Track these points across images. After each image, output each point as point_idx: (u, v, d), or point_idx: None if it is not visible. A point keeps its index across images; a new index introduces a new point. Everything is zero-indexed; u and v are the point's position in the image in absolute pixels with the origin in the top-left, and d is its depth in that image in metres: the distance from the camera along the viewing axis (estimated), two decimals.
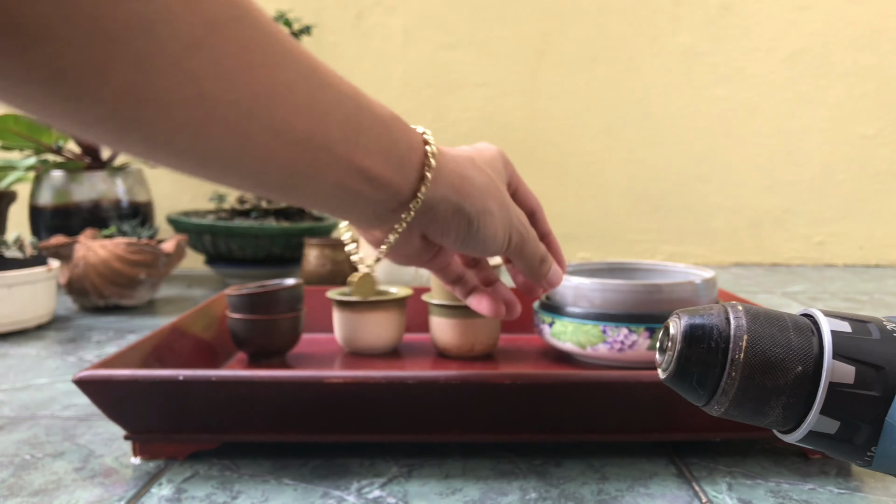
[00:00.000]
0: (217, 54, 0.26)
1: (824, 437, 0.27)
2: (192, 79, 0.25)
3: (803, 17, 1.49)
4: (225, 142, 0.28)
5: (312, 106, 0.30)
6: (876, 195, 1.52)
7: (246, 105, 0.28)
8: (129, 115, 0.25)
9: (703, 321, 0.28)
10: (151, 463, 0.52)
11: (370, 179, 0.35)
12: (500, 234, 0.41)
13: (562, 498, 0.46)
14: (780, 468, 0.51)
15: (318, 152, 0.31)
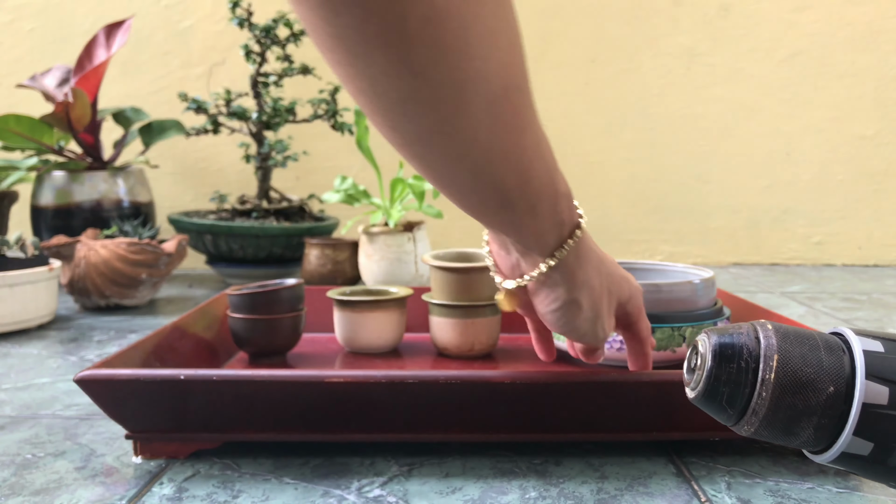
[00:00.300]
0: (504, 111, 0.35)
1: (857, 459, 0.27)
2: (485, 125, 0.34)
3: (802, 17, 1.49)
4: (483, 166, 0.37)
5: (536, 160, 0.39)
6: (874, 195, 1.53)
7: (506, 151, 0.37)
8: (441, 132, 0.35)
9: (733, 340, 0.28)
10: (152, 462, 0.52)
11: (536, 218, 0.42)
12: (577, 324, 0.47)
13: (561, 497, 0.46)
14: (778, 467, 0.51)
15: (528, 186, 0.40)
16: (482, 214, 0.42)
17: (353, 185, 1.12)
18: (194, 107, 1.25)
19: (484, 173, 0.37)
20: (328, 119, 1.28)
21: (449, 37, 0.30)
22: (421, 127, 0.34)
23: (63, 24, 1.50)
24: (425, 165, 0.38)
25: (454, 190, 0.39)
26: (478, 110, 0.33)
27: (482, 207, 0.41)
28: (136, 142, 1.40)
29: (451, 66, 0.31)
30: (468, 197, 0.40)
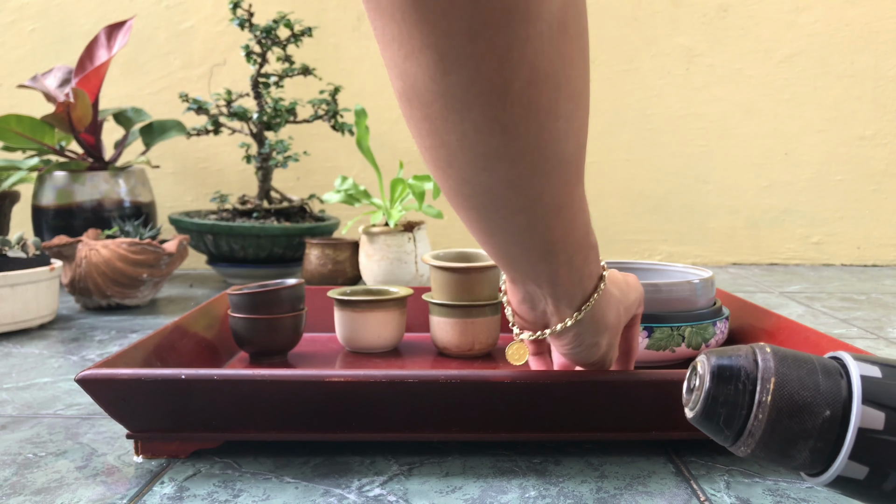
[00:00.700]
0: (574, 170, 0.37)
1: (853, 483, 0.27)
2: (556, 183, 0.37)
3: (801, 18, 1.49)
4: (540, 219, 0.38)
5: (580, 212, 0.41)
6: (873, 195, 1.53)
7: (563, 205, 0.38)
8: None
9: (731, 362, 0.28)
10: (153, 461, 0.53)
11: (573, 288, 0.44)
12: (592, 359, 0.50)
13: (561, 496, 0.47)
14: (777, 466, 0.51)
15: (570, 237, 0.41)
16: (520, 264, 0.43)
17: (354, 186, 1.12)
18: (195, 107, 1.26)
19: (539, 225, 0.39)
20: (329, 119, 1.28)
21: (543, 98, 0.31)
22: (495, 180, 0.35)
23: (64, 25, 1.50)
24: (482, 216, 0.38)
25: (500, 239, 0.40)
26: (553, 167, 0.35)
27: (524, 257, 0.42)
28: (137, 142, 1.40)
29: (540, 126, 0.32)
30: (513, 247, 0.41)
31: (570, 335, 0.47)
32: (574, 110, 0.34)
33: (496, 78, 0.30)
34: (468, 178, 0.36)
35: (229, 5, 1.24)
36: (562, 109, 0.33)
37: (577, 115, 0.35)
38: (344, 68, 1.51)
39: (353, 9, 1.51)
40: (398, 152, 1.43)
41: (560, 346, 0.49)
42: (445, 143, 0.34)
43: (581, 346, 0.48)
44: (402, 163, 1.15)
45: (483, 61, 0.29)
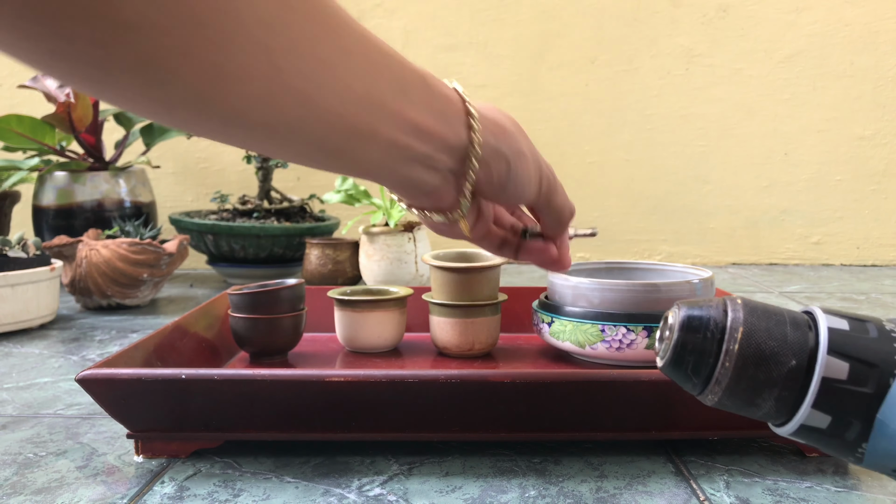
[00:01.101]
0: (289, 29, 0.28)
1: (816, 432, 0.27)
2: (267, 53, 0.27)
3: (801, 18, 1.49)
4: (294, 110, 0.30)
5: (367, 67, 0.32)
6: (873, 195, 1.53)
7: (313, 73, 0.30)
8: (210, 94, 0.27)
9: (702, 312, 0.29)
10: (154, 461, 0.53)
11: (420, 133, 0.36)
12: (533, 175, 0.43)
13: (561, 496, 0.47)
14: (777, 466, 0.51)
15: (374, 109, 0.33)
16: (365, 170, 0.36)
17: (354, 186, 1.12)
18: None
19: (328, 109, 0.31)
20: None
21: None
22: (226, 115, 0.29)
23: None
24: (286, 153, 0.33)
25: (306, 148, 0.33)
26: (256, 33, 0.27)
27: (357, 160, 0.35)
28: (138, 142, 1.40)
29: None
30: (335, 160, 0.35)
31: (484, 168, 0.40)
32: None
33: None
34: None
35: None
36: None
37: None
38: None
39: (352, 9, 1.51)
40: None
41: (491, 189, 0.42)
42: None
43: (504, 167, 0.41)
44: None
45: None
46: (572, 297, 0.67)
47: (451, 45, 1.52)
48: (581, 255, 1.56)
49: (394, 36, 1.52)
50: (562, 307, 0.68)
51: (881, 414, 0.26)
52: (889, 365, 0.26)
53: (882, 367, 0.26)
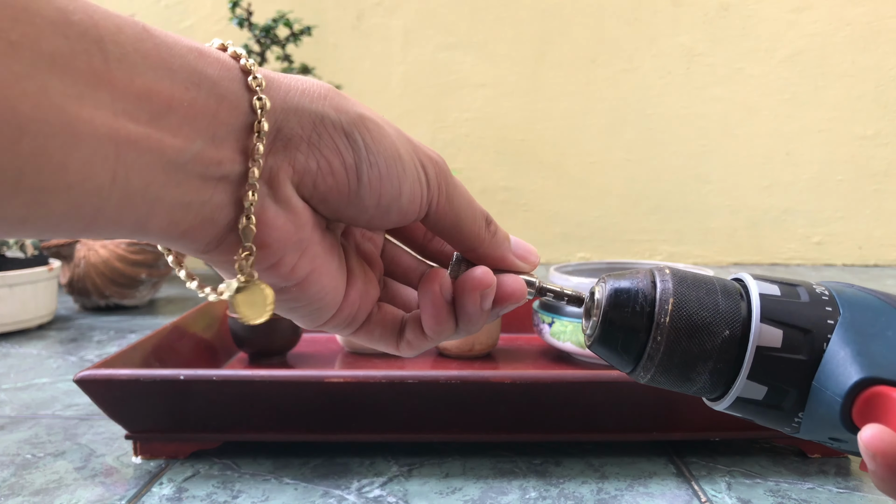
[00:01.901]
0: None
1: (752, 404, 0.26)
2: None
3: (802, 17, 1.49)
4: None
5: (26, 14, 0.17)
6: (874, 195, 1.53)
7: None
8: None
9: (629, 285, 0.27)
10: (152, 462, 0.52)
11: (160, 111, 0.20)
12: (403, 153, 0.25)
13: (561, 497, 0.46)
14: (779, 467, 0.51)
15: (38, 77, 0.17)
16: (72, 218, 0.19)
17: None
18: None
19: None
20: None
21: None
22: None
23: None
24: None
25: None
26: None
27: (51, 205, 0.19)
28: None
29: None
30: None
31: (303, 148, 0.23)
32: None
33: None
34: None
35: (228, 4, 1.24)
36: None
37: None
38: (343, 67, 1.50)
39: (352, 8, 1.51)
40: None
41: (337, 186, 0.24)
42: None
43: (345, 142, 0.24)
44: None
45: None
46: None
47: (450, 44, 1.52)
48: (582, 256, 1.56)
49: (393, 35, 1.51)
50: (562, 308, 0.67)
51: (816, 380, 0.25)
52: (822, 329, 0.26)
53: (815, 333, 0.26)
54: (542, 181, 1.53)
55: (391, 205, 0.25)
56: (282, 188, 0.23)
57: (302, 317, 0.27)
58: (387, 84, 1.53)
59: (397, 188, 0.25)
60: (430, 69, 1.52)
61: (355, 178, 0.24)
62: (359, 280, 0.28)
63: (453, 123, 1.53)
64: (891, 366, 0.24)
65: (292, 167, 0.23)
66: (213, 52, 0.22)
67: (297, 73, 1.27)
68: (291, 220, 0.23)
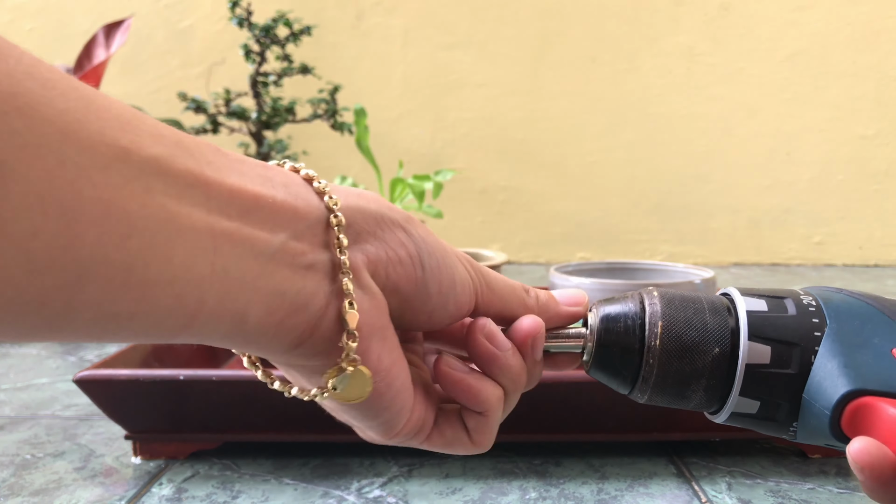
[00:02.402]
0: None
1: (747, 417, 0.27)
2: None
3: (802, 17, 1.49)
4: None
5: (128, 123, 0.19)
6: (875, 195, 1.52)
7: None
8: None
9: (619, 310, 0.28)
10: (152, 462, 0.52)
11: (248, 207, 0.21)
12: (447, 247, 0.28)
13: (561, 497, 0.46)
14: (779, 468, 0.51)
15: (143, 178, 0.19)
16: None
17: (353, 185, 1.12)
18: (194, 106, 1.25)
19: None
20: (328, 119, 1.28)
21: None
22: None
23: (62, 24, 1.50)
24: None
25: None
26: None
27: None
28: None
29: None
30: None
31: (372, 241, 0.25)
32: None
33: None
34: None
35: (228, 4, 1.24)
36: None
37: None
38: (343, 67, 1.50)
39: (351, 7, 1.51)
40: (398, 152, 1.42)
41: (403, 271, 0.25)
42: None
43: (402, 233, 0.26)
44: (401, 162, 1.15)
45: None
46: None
47: (450, 43, 1.51)
48: (582, 256, 1.55)
49: (393, 35, 1.51)
50: None
51: (806, 393, 0.26)
52: (809, 342, 0.26)
53: (803, 346, 0.26)
54: (542, 181, 1.53)
55: (448, 294, 0.27)
56: (361, 276, 0.24)
57: (381, 423, 0.27)
58: (387, 84, 1.52)
59: (451, 277, 0.27)
60: (430, 69, 1.52)
61: (420, 266, 0.26)
62: (420, 387, 0.28)
63: (453, 123, 1.53)
64: (876, 376, 0.24)
65: (366, 256, 0.25)
66: (274, 166, 0.25)
67: (297, 72, 1.27)
68: (375, 306, 0.25)
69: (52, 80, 0.18)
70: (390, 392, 0.26)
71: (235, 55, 1.47)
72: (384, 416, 0.26)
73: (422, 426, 0.28)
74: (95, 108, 0.19)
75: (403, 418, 0.27)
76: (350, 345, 0.23)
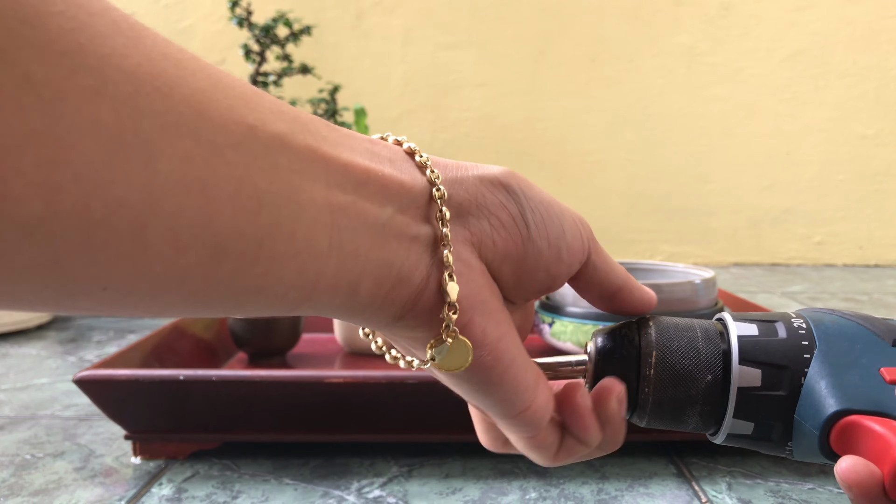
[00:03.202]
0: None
1: (744, 438, 0.28)
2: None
3: (803, 17, 1.49)
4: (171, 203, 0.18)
5: (250, 100, 0.20)
6: (875, 195, 1.52)
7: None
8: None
9: (615, 341, 0.29)
10: (152, 462, 0.52)
11: (361, 181, 0.22)
12: (552, 198, 0.27)
13: (562, 497, 0.46)
14: (779, 468, 0.51)
15: (270, 155, 0.20)
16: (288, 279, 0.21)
17: None
18: None
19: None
20: (328, 118, 1.28)
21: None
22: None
23: None
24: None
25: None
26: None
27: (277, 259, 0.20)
28: None
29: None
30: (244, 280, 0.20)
31: (475, 212, 0.25)
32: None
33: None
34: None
35: (228, 4, 1.24)
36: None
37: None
38: (343, 67, 1.50)
39: (351, 7, 1.51)
40: None
41: (509, 238, 0.26)
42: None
43: (513, 203, 0.26)
44: None
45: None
46: (573, 297, 0.66)
47: (450, 43, 1.51)
48: None
49: (393, 34, 1.51)
50: (563, 308, 0.67)
51: (797, 414, 0.27)
52: (799, 364, 0.27)
53: (793, 368, 0.27)
54: (542, 181, 1.53)
55: (560, 244, 0.27)
56: (464, 250, 0.25)
57: (497, 400, 0.26)
58: (387, 84, 1.52)
59: (560, 227, 0.27)
60: (430, 69, 1.52)
61: (524, 225, 0.26)
62: (546, 380, 0.29)
63: (453, 123, 1.53)
64: (863, 395, 0.25)
65: (468, 230, 0.25)
66: (378, 140, 0.25)
67: (297, 72, 1.27)
68: (474, 280, 0.25)
69: (183, 61, 0.19)
70: (499, 366, 0.26)
71: (235, 55, 1.47)
72: (499, 394, 0.26)
73: (541, 418, 0.27)
74: (223, 86, 0.20)
75: (523, 398, 0.26)
76: (451, 316, 0.24)
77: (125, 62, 0.17)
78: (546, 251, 0.26)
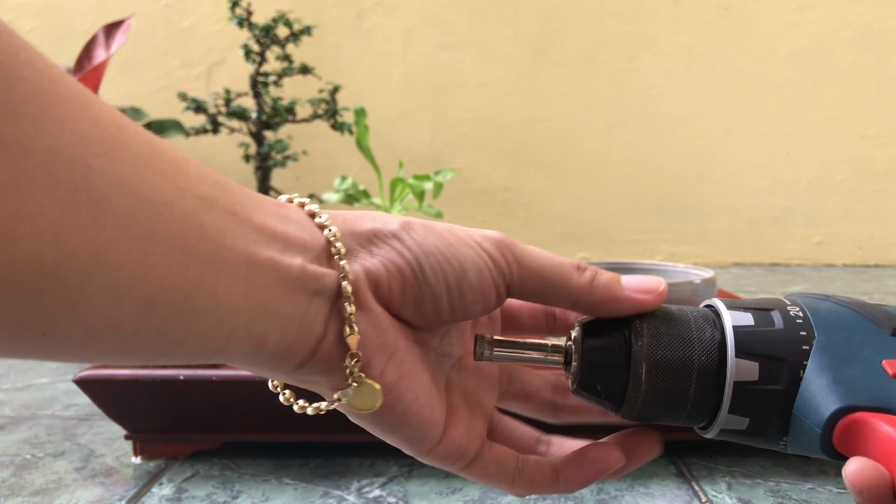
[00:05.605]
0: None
1: (737, 433, 0.27)
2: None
3: (803, 17, 1.49)
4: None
5: (177, 168, 0.22)
6: (875, 195, 1.52)
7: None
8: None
9: (604, 329, 0.28)
10: (152, 462, 0.52)
11: (272, 239, 0.24)
12: (453, 239, 0.27)
13: (561, 497, 0.46)
14: (779, 468, 0.51)
15: (197, 215, 0.21)
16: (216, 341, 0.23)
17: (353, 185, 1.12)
18: (194, 106, 1.25)
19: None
20: (328, 119, 1.28)
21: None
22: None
23: (62, 24, 1.50)
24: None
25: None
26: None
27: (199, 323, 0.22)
28: None
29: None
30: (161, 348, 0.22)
31: (374, 254, 0.26)
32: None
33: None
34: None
35: (228, 4, 1.24)
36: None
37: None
38: (343, 67, 1.50)
39: (352, 7, 1.51)
40: (398, 152, 1.42)
41: (414, 274, 0.26)
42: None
43: (408, 240, 0.27)
44: (401, 162, 1.15)
45: None
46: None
47: (450, 43, 1.51)
48: (582, 256, 1.55)
49: (393, 35, 1.51)
50: None
51: (796, 409, 0.25)
52: (798, 356, 0.25)
53: (791, 361, 0.25)
54: (542, 181, 1.53)
55: (461, 285, 0.27)
56: (363, 297, 0.26)
57: (404, 439, 0.27)
58: (387, 84, 1.53)
59: (460, 268, 0.27)
60: (430, 69, 1.52)
61: (420, 270, 0.26)
62: (464, 414, 0.29)
63: (453, 123, 1.53)
64: (866, 391, 0.24)
65: (367, 278, 0.26)
66: (285, 202, 0.27)
67: (297, 72, 1.27)
68: (372, 325, 0.26)
69: (125, 126, 0.20)
70: (399, 406, 0.26)
71: (235, 55, 1.47)
72: (404, 432, 0.27)
73: (459, 455, 0.28)
74: (157, 151, 0.21)
75: (429, 435, 0.27)
76: (351, 363, 0.25)
77: (79, 126, 0.19)
78: (445, 294, 0.27)
